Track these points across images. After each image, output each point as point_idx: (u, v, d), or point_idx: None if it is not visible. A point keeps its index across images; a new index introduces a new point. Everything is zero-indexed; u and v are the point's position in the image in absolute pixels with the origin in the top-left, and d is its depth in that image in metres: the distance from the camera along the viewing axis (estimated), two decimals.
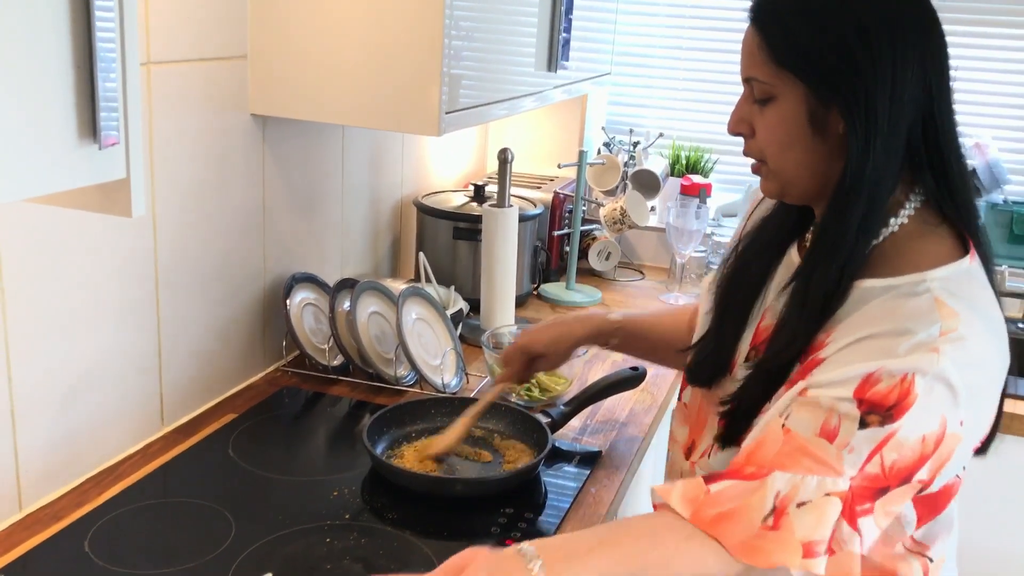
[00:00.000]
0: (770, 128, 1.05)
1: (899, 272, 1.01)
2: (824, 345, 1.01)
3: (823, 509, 0.93)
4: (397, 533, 1.27)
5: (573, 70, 2.10)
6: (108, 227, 1.32)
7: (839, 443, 0.94)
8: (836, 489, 0.94)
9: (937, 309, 0.97)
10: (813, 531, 0.93)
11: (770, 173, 1.08)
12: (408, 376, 1.73)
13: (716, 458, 1.16)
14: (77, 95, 0.77)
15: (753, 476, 0.97)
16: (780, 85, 1.02)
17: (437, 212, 2.12)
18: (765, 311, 1.16)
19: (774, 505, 0.94)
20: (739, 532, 0.95)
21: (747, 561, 0.95)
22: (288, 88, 1.55)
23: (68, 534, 1.21)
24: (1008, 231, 2.49)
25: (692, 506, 0.98)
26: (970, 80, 2.50)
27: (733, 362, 1.19)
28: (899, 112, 0.99)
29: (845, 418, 0.94)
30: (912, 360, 0.93)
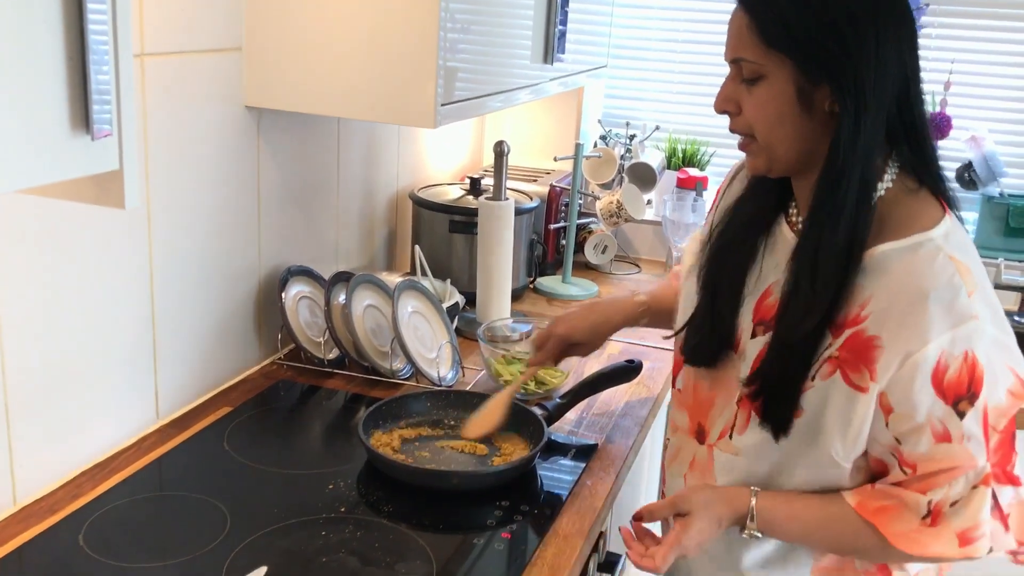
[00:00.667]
0: (759, 106, 1.10)
1: (903, 234, 1.08)
2: (862, 319, 1.07)
3: (975, 501, 1.07)
4: (393, 526, 1.27)
5: (569, 63, 2.09)
6: (102, 219, 1.32)
7: (956, 438, 1.05)
8: (979, 478, 1.07)
9: (954, 266, 1.05)
10: (968, 521, 1.07)
11: (759, 149, 1.13)
12: (404, 369, 1.73)
13: (747, 435, 1.19)
14: (70, 87, 0.77)
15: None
16: (769, 65, 1.07)
17: (433, 205, 2.11)
18: (770, 286, 1.19)
19: (930, 510, 1.08)
20: (898, 525, 1.09)
21: (904, 550, 1.10)
22: (283, 80, 1.55)
23: (63, 527, 1.21)
24: (1004, 224, 2.49)
25: (859, 496, 1.13)
26: (967, 73, 2.50)
27: (736, 339, 1.21)
28: (883, 88, 1.05)
29: (944, 417, 1.05)
30: (962, 334, 1.03)
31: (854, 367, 1.08)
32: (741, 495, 1.17)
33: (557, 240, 2.41)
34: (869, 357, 1.06)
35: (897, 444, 1.09)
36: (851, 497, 1.14)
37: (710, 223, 1.34)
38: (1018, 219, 2.47)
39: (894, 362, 1.05)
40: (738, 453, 1.21)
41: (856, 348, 1.07)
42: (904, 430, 1.07)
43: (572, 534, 1.28)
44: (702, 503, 1.17)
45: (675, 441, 1.34)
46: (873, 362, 1.06)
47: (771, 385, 1.13)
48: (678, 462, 1.32)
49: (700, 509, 1.16)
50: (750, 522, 1.15)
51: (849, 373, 1.08)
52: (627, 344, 1.94)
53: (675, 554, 1.15)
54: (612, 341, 1.95)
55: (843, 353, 1.08)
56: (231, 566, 1.15)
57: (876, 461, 1.13)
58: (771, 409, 1.14)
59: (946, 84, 2.47)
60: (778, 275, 1.17)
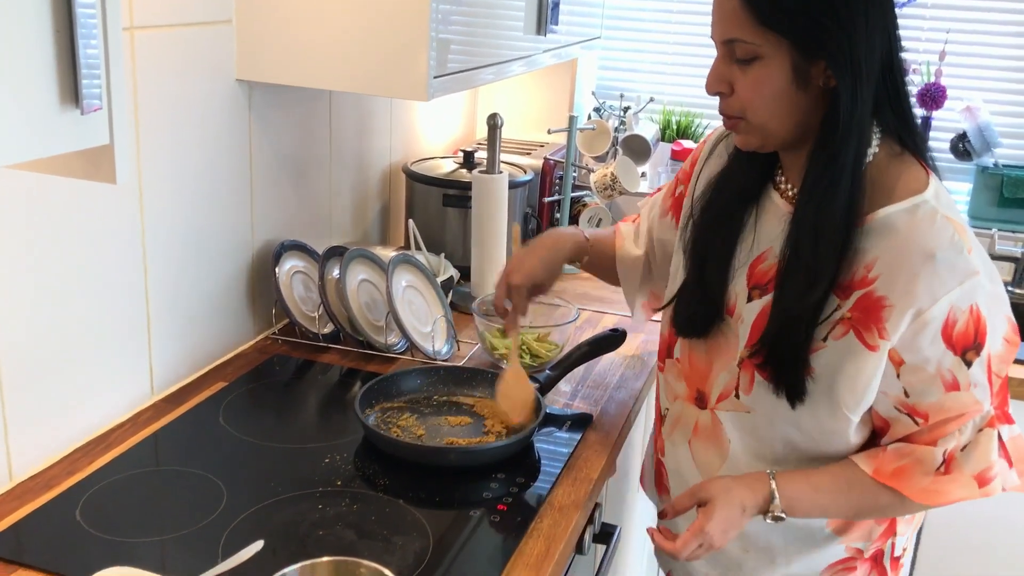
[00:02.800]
0: (754, 86, 1.10)
1: (897, 197, 1.11)
2: (870, 280, 1.10)
3: (983, 443, 1.13)
4: (389, 499, 1.27)
5: (563, 34, 2.08)
6: (93, 195, 1.31)
7: (964, 386, 1.10)
8: (985, 422, 1.13)
9: (952, 225, 1.09)
10: (981, 463, 1.13)
11: (751, 128, 1.14)
12: (399, 343, 1.73)
13: (755, 392, 1.20)
14: (58, 61, 0.76)
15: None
16: (764, 44, 1.07)
17: (426, 179, 2.10)
18: (763, 252, 1.20)
19: (943, 459, 1.13)
20: (917, 483, 1.14)
21: (927, 503, 1.15)
22: (274, 53, 1.53)
23: (59, 503, 1.22)
24: (998, 194, 2.49)
25: (873, 463, 1.16)
26: (961, 43, 2.49)
27: (731, 305, 1.23)
28: (873, 58, 1.07)
29: (953, 367, 1.10)
30: (967, 289, 1.08)
31: (866, 326, 1.11)
32: (760, 479, 1.19)
33: (551, 213, 2.40)
34: (879, 316, 1.10)
35: (905, 397, 1.12)
36: (865, 464, 1.17)
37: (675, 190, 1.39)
38: (1012, 190, 2.47)
39: (905, 319, 1.08)
40: (749, 410, 1.23)
41: (867, 308, 1.10)
42: (914, 381, 1.12)
43: (567, 505, 1.29)
44: (722, 489, 1.18)
45: (675, 409, 1.35)
46: (883, 320, 1.09)
47: (778, 353, 1.15)
48: (680, 429, 1.33)
49: (721, 495, 1.17)
50: (772, 504, 1.17)
51: (862, 332, 1.11)
52: (622, 317, 1.94)
53: (697, 540, 1.16)
54: (607, 314, 1.97)
55: (855, 314, 1.11)
56: (228, 540, 1.16)
57: (879, 417, 1.16)
58: (782, 376, 1.16)
59: (941, 54, 2.46)
60: (771, 242, 1.19)
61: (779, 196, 1.21)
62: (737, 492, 1.18)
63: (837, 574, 1.28)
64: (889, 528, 1.27)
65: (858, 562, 1.28)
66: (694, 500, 1.21)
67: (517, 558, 1.17)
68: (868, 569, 1.28)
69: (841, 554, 1.27)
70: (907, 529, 1.29)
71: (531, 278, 1.43)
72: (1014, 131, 2.53)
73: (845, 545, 1.27)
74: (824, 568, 1.28)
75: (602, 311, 1.99)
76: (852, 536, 1.26)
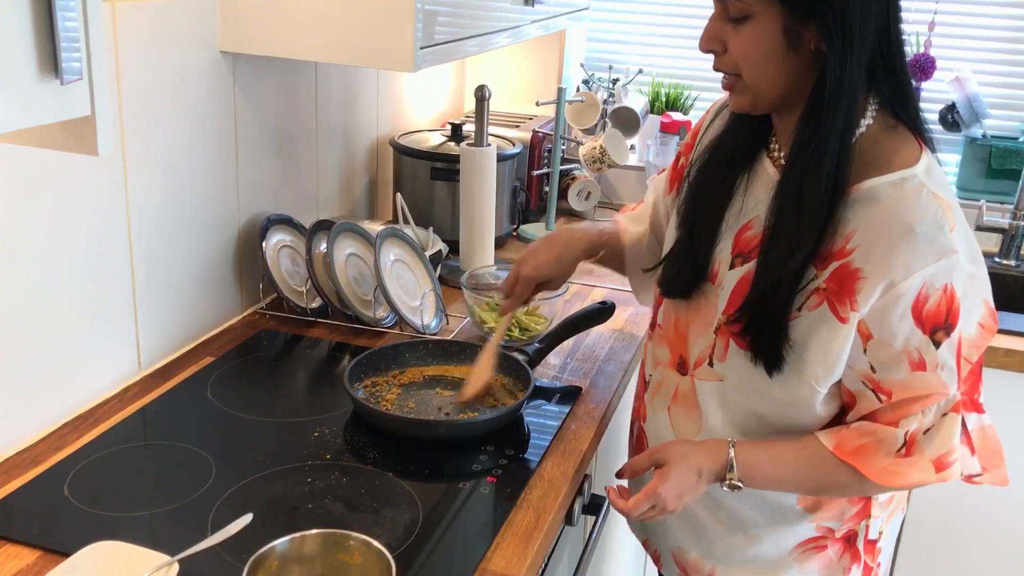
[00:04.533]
0: (746, 45, 1.10)
1: (885, 170, 1.10)
2: (848, 252, 1.09)
3: (946, 427, 1.12)
4: (378, 472, 1.27)
5: (550, 5, 2.06)
6: (76, 168, 1.30)
7: (931, 366, 1.09)
8: (950, 406, 1.11)
9: (937, 202, 1.08)
10: (941, 447, 1.12)
11: (744, 88, 1.13)
12: (387, 318, 1.72)
13: (728, 360, 1.20)
14: (36, 31, 0.75)
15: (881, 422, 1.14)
16: (756, 3, 1.07)
17: (414, 152, 2.09)
18: (750, 220, 1.20)
19: (905, 440, 1.12)
20: (877, 462, 1.13)
21: (885, 484, 1.14)
22: (258, 24, 1.51)
23: (47, 478, 1.21)
24: (987, 165, 2.49)
25: (835, 438, 1.15)
26: (951, 13, 2.48)
27: (714, 272, 1.23)
28: (867, 26, 1.06)
29: (920, 346, 1.08)
30: (944, 267, 1.06)
31: (839, 298, 1.10)
32: (719, 446, 1.19)
33: (540, 186, 2.40)
34: (852, 288, 1.09)
35: (872, 372, 1.12)
36: (827, 440, 1.16)
37: (677, 163, 1.38)
38: (1000, 161, 2.47)
39: (876, 291, 1.07)
40: (722, 378, 1.23)
41: (842, 279, 1.09)
42: (881, 357, 1.10)
43: (557, 477, 1.29)
44: (679, 454, 1.19)
45: (657, 375, 1.35)
46: (855, 292, 1.08)
47: (757, 321, 1.15)
48: (661, 394, 1.34)
49: (677, 459, 1.18)
50: (730, 472, 1.17)
51: (835, 303, 1.10)
52: (611, 290, 1.94)
53: (650, 501, 1.17)
54: (596, 287, 1.97)
55: (830, 284, 1.10)
56: (217, 514, 1.15)
57: (847, 391, 1.16)
58: (760, 344, 1.15)
59: (930, 24, 2.44)
60: (759, 210, 1.19)
61: (771, 164, 1.21)
62: (694, 457, 1.18)
63: (807, 552, 1.27)
64: (863, 510, 1.26)
65: (828, 541, 1.27)
66: (651, 461, 1.22)
67: (507, 529, 1.17)
68: (840, 550, 1.27)
69: (811, 532, 1.26)
70: (881, 512, 1.27)
71: (538, 275, 1.45)
72: (1003, 102, 2.53)
73: (816, 524, 1.26)
74: (794, 546, 1.27)
75: (591, 284, 1.99)
76: (823, 515, 1.25)
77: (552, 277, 1.46)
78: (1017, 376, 1.98)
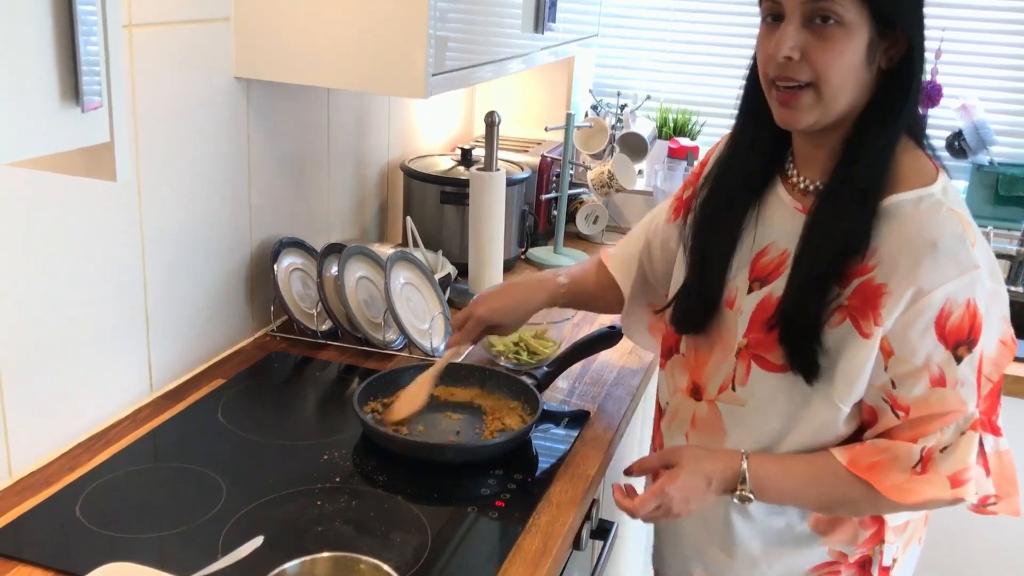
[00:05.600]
0: (833, 54, 1.07)
1: (905, 187, 1.11)
2: (870, 268, 1.10)
3: (963, 445, 1.10)
4: (387, 496, 1.28)
5: (560, 31, 2.08)
6: (93, 192, 1.31)
7: (951, 383, 1.09)
8: (968, 424, 1.10)
9: (957, 218, 1.09)
10: (957, 464, 1.10)
11: (816, 101, 1.10)
12: (397, 340, 1.73)
13: (750, 384, 1.20)
14: (59, 58, 0.76)
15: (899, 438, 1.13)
16: (850, 9, 1.06)
17: (424, 176, 2.11)
18: (766, 247, 1.20)
19: (921, 457, 1.11)
20: (892, 479, 1.11)
21: (899, 501, 1.12)
22: (272, 50, 1.54)
23: (59, 499, 1.22)
24: (993, 192, 2.50)
25: (850, 454, 1.14)
26: (958, 41, 2.50)
27: (730, 298, 1.23)
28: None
29: (942, 362, 1.08)
30: (966, 282, 1.07)
31: (863, 314, 1.10)
32: (732, 456, 1.18)
33: (548, 210, 2.41)
34: (876, 303, 1.09)
35: (892, 388, 1.11)
36: (842, 455, 1.15)
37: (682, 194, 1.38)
38: (1008, 187, 2.48)
39: (899, 306, 1.08)
40: (744, 403, 1.22)
41: (865, 296, 1.10)
42: (902, 373, 1.10)
43: (565, 502, 1.30)
44: (691, 457, 1.19)
45: (673, 402, 1.35)
46: (879, 308, 1.09)
47: (795, 324, 1.14)
48: (677, 421, 1.33)
49: (689, 462, 1.18)
50: (741, 484, 1.16)
51: (859, 320, 1.10)
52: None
53: (656, 500, 1.16)
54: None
55: (853, 302, 1.11)
56: (227, 536, 1.16)
57: (867, 409, 1.16)
58: (797, 351, 1.15)
59: (937, 53, 2.46)
60: (774, 236, 1.19)
61: (786, 191, 1.20)
62: (706, 463, 1.17)
63: None
64: (876, 534, 1.24)
65: (842, 567, 1.25)
66: (662, 462, 1.21)
67: (515, 554, 1.17)
68: (854, 575, 1.26)
69: (824, 557, 1.25)
70: (896, 539, 1.25)
71: (489, 318, 1.46)
72: (1009, 129, 2.54)
73: (828, 547, 1.24)
74: (807, 570, 1.26)
75: None
76: (835, 539, 1.24)
77: (500, 324, 1.47)
78: (1021, 403, 1.98)
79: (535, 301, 1.48)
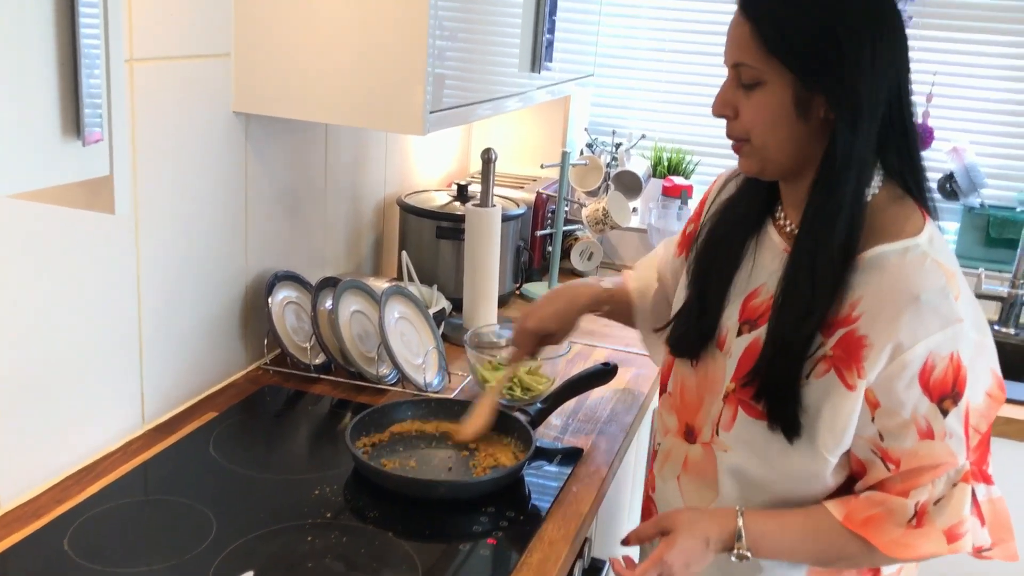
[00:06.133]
0: (756, 111, 1.11)
1: (891, 238, 1.11)
2: (853, 319, 1.09)
3: (956, 498, 1.10)
4: (379, 532, 1.27)
5: (556, 71, 2.10)
6: (89, 223, 1.32)
7: (939, 435, 1.09)
8: (960, 476, 1.10)
9: (942, 271, 1.09)
10: (952, 518, 1.10)
11: (753, 152, 1.15)
12: (390, 375, 1.73)
13: (734, 430, 1.20)
14: (61, 92, 0.77)
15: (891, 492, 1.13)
16: (768, 72, 1.09)
17: (420, 211, 2.12)
18: (757, 288, 1.21)
19: (915, 511, 1.11)
20: (887, 534, 1.11)
21: (896, 556, 1.12)
22: (271, 86, 1.55)
23: (47, 532, 1.21)
24: (984, 234, 2.51)
25: (845, 508, 1.14)
26: (948, 85, 2.53)
27: (721, 338, 1.23)
28: (877, 98, 1.07)
29: (928, 414, 1.08)
30: (950, 335, 1.06)
31: (846, 365, 1.10)
32: (727, 514, 1.17)
33: (543, 246, 2.42)
34: (859, 355, 1.09)
35: (880, 440, 1.11)
36: (837, 511, 1.15)
37: (686, 230, 1.40)
38: (998, 229, 2.50)
39: (882, 359, 1.08)
40: (727, 449, 1.22)
41: (848, 347, 1.10)
42: (889, 425, 1.10)
43: (557, 540, 1.29)
44: (687, 521, 1.18)
45: (665, 444, 1.35)
46: (862, 360, 1.09)
47: (771, 386, 1.15)
48: (670, 464, 1.33)
49: (685, 526, 1.17)
50: (738, 541, 1.15)
51: (843, 370, 1.10)
52: (614, 351, 1.95)
53: (656, 570, 1.15)
54: (598, 347, 1.98)
55: (836, 352, 1.11)
56: (217, 571, 1.15)
57: (856, 460, 1.16)
58: (776, 410, 1.15)
59: (928, 96, 2.49)
60: (765, 277, 1.20)
61: (776, 232, 1.22)
62: (702, 525, 1.17)
63: None
64: None
65: None
66: (658, 529, 1.20)
67: None
68: None
69: None
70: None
71: (541, 328, 1.49)
72: (1000, 172, 2.56)
73: None
74: None
75: (594, 344, 2.00)
76: None
77: (554, 331, 1.50)
78: (1017, 445, 1.98)
79: (579, 303, 1.50)
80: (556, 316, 1.49)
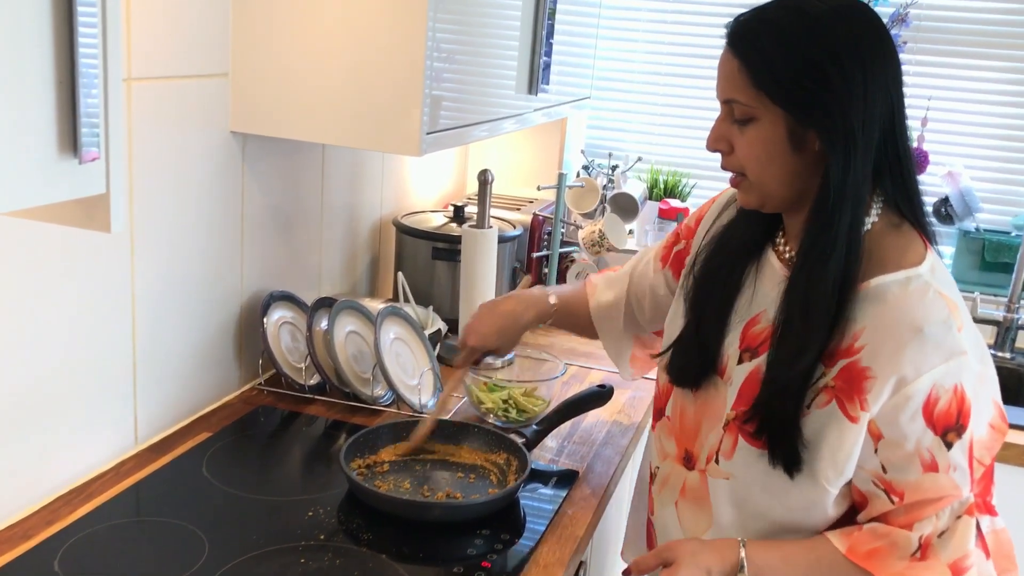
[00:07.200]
0: (750, 146, 1.11)
1: (891, 268, 1.10)
2: (856, 350, 1.08)
3: (960, 531, 1.09)
4: (372, 555, 1.26)
5: (553, 93, 2.11)
6: (84, 242, 1.31)
7: (943, 468, 1.07)
8: (964, 508, 1.09)
9: (944, 302, 1.08)
10: (957, 551, 1.08)
11: (751, 187, 1.15)
12: (385, 396, 1.72)
13: (735, 458, 1.19)
14: (58, 110, 0.77)
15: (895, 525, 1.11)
16: (760, 107, 1.09)
17: (416, 232, 2.12)
18: (757, 315, 1.20)
19: (919, 544, 1.09)
20: (891, 567, 1.09)
21: None
22: (269, 106, 1.55)
23: (38, 553, 1.20)
24: (980, 258, 2.52)
25: (848, 541, 1.12)
26: (943, 110, 2.54)
27: (723, 366, 1.23)
28: (871, 128, 1.07)
29: (932, 447, 1.07)
30: (953, 368, 1.06)
31: (848, 397, 1.09)
32: (729, 545, 1.16)
33: (540, 268, 2.42)
34: (861, 387, 1.08)
35: (883, 473, 1.10)
36: (840, 542, 1.13)
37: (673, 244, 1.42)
38: (994, 254, 2.51)
39: (886, 391, 1.07)
40: (728, 477, 1.21)
41: (850, 378, 1.09)
42: (893, 458, 1.09)
43: (552, 563, 1.28)
44: (689, 552, 1.17)
45: (664, 468, 1.34)
46: (864, 392, 1.08)
47: (770, 421, 1.13)
48: (668, 489, 1.32)
49: (687, 557, 1.16)
50: (740, 573, 1.14)
51: (845, 402, 1.09)
52: (610, 373, 1.94)
53: None
54: (594, 369, 1.97)
55: (838, 383, 1.10)
56: None
57: (858, 492, 1.14)
58: (776, 444, 1.14)
59: (923, 120, 2.51)
60: (766, 304, 1.20)
61: (776, 259, 1.21)
62: (704, 556, 1.15)
63: None
64: None
65: None
66: (659, 560, 1.19)
67: None
68: None
69: None
70: None
71: (484, 344, 1.52)
72: (995, 197, 2.57)
73: None
74: None
75: (589, 367, 1.99)
76: None
77: (495, 347, 1.53)
78: (1013, 470, 1.98)
79: (523, 320, 1.53)
80: (498, 334, 1.52)
